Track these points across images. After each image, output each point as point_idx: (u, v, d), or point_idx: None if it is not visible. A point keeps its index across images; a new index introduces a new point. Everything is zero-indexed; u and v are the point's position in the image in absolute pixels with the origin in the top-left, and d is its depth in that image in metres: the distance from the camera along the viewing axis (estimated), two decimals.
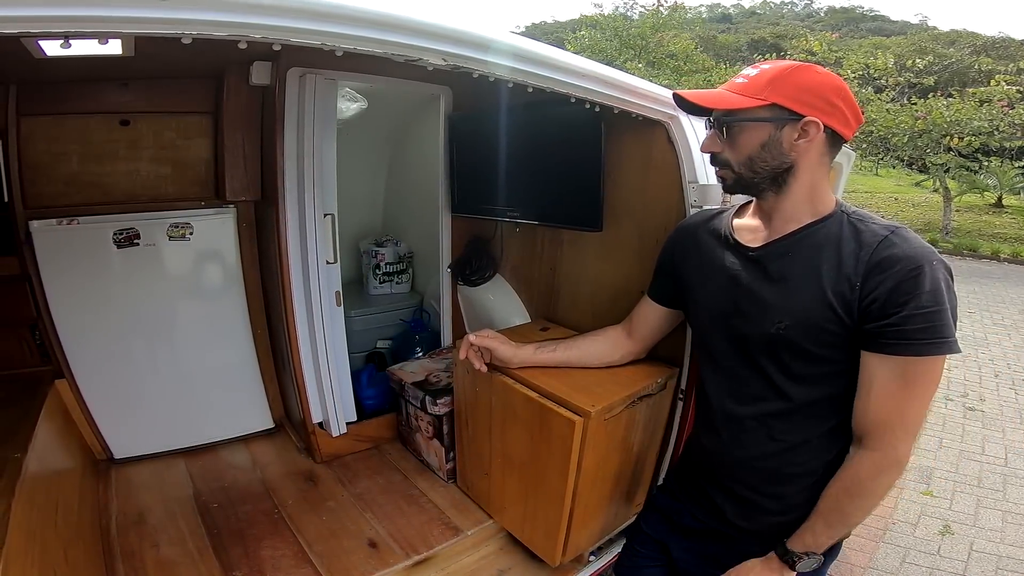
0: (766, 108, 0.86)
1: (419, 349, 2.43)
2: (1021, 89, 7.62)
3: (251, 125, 1.87)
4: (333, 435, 1.94)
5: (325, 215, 1.80)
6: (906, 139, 8.43)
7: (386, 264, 2.78)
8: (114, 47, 1.30)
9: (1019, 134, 7.84)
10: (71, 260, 1.74)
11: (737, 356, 0.97)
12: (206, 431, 2.05)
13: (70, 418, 1.81)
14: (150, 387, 1.95)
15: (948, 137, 8.08)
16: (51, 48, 1.25)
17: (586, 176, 1.56)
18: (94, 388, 1.84)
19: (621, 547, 1.44)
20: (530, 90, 1.12)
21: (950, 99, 8.37)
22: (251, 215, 2.04)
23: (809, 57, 8.95)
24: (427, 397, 1.79)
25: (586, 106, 1.31)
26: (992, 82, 7.93)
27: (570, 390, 1.31)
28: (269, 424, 2.18)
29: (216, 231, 1.97)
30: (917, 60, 9.48)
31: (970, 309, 5.48)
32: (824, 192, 0.92)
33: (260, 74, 1.71)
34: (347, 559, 1.50)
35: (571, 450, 1.27)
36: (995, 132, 7.83)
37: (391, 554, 1.52)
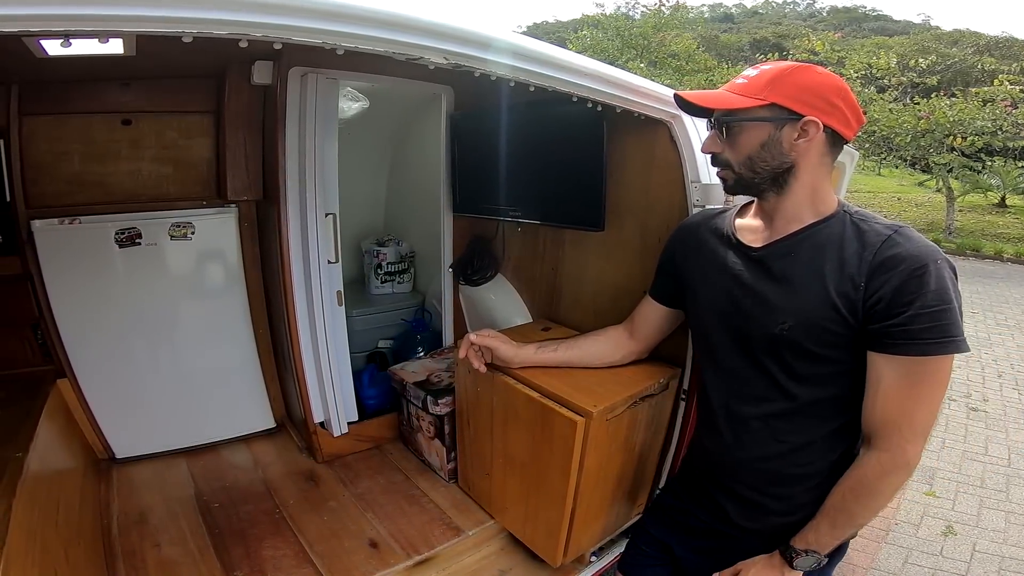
0: (765, 108, 0.86)
1: (420, 349, 2.43)
2: None
3: (253, 124, 1.86)
4: (334, 435, 1.95)
5: (327, 215, 1.80)
6: (909, 139, 8.39)
7: (388, 264, 2.78)
8: (115, 46, 1.30)
9: (1022, 134, 7.81)
10: (73, 260, 1.75)
11: (740, 356, 0.96)
12: (207, 431, 2.05)
13: (72, 418, 1.81)
14: (152, 387, 1.95)
15: (951, 137, 8.04)
16: (52, 47, 1.25)
17: (588, 176, 1.55)
18: (96, 387, 1.85)
19: (623, 547, 1.43)
20: (532, 89, 1.12)
21: (953, 99, 8.34)
22: (253, 215, 2.04)
23: (812, 57, 8.93)
24: (428, 397, 1.78)
25: (588, 105, 1.31)
26: (995, 82, 7.88)
27: (572, 390, 1.30)
28: (270, 424, 2.18)
29: (218, 231, 1.97)
30: (920, 60, 9.46)
31: (973, 309, 5.47)
32: (826, 192, 0.91)
33: (262, 73, 1.71)
34: (348, 559, 1.50)
35: (573, 450, 1.27)
36: (998, 132, 7.80)
37: (392, 554, 1.52)
